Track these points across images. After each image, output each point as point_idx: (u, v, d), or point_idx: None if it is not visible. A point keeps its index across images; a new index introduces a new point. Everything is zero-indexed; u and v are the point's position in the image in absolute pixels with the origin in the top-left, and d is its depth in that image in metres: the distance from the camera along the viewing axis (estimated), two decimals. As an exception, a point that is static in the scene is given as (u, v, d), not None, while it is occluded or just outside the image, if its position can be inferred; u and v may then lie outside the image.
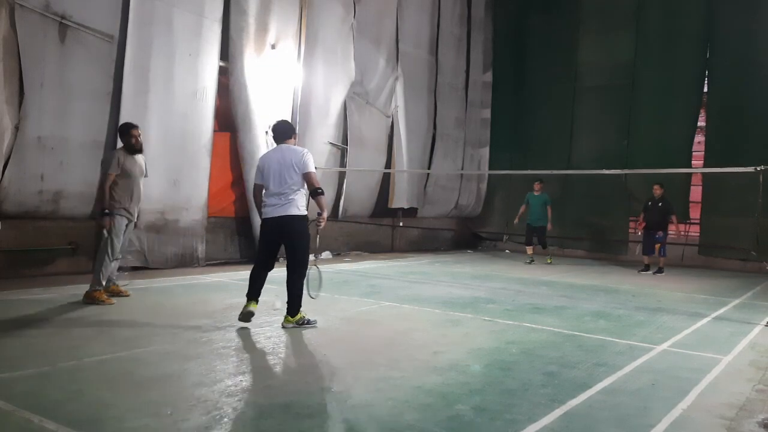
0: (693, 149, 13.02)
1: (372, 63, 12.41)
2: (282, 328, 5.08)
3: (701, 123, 13.11)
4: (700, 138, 13.17)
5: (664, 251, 10.80)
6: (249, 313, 5.08)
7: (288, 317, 5.12)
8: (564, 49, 14.64)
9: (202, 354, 4.20)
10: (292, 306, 5.11)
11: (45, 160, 7.25)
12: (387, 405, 3.30)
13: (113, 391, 3.34)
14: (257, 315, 5.30)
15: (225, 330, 4.93)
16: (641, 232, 11.12)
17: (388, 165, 13.09)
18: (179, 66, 8.60)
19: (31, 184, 7.17)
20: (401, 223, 13.63)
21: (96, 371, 3.74)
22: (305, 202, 5.20)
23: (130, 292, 6.31)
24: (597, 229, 14.14)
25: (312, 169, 5.11)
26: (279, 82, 10.12)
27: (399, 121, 13.19)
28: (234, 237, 9.95)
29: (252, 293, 5.16)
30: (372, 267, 10.24)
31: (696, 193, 13.05)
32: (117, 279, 6.27)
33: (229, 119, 9.60)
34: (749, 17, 12.38)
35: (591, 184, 13.39)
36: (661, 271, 10.75)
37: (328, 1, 11.18)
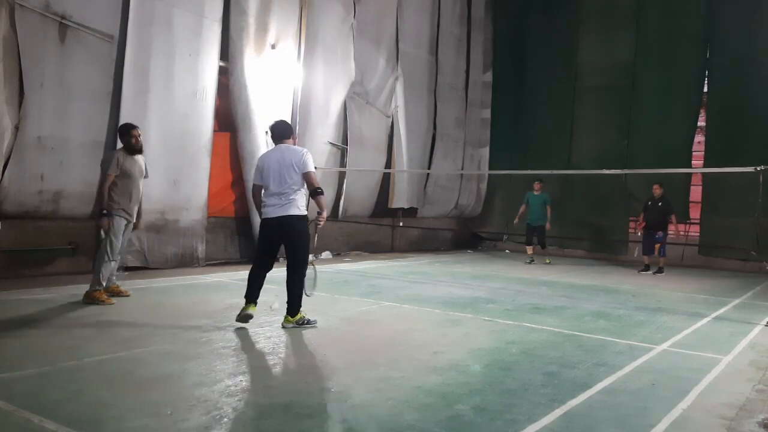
0: (693, 149, 13.03)
1: (372, 63, 12.41)
2: (282, 328, 5.08)
3: (701, 123, 13.11)
4: (700, 138, 13.17)
5: (663, 251, 10.80)
6: (247, 316, 5.05)
7: (288, 317, 5.11)
8: (564, 49, 14.64)
9: (202, 354, 4.20)
10: (292, 306, 5.10)
11: (45, 160, 7.25)
12: (387, 405, 3.30)
13: (113, 391, 3.34)
14: (257, 315, 5.31)
15: (225, 330, 4.93)
16: (641, 232, 11.12)
17: (388, 165, 13.09)
18: (179, 66, 8.60)
19: (31, 184, 7.17)
20: (401, 223, 13.63)
21: (96, 371, 3.74)
22: (305, 202, 5.21)
23: (130, 292, 6.31)
24: (597, 229, 14.15)
25: (312, 169, 5.10)
26: (279, 82, 10.12)
27: (399, 121, 13.19)
28: (234, 237, 9.95)
29: (250, 295, 5.13)
30: (372, 267, 10.24)
31: (696, 193, 13.06)
32: (117, 279, 6.28)
33: (229, 119, 9.60)
34: (749, 17, 12.39)
35: (591, 184, 13.39)
36: (661, 271, 10.75)
37: (328, 1, 11.19)
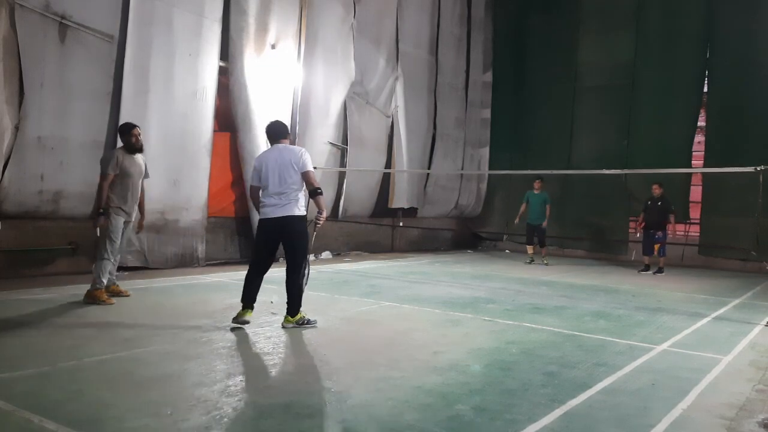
0: (693, 149, 13.02)
1: (372, 63, 12.41)
2: (282, 328, 5.07)
3: (701, 123, 13.11)
4: (700, 138, 13.17)
5: (663, 251, 10.80)
6: (243, 322, 5.00)
7: (288, 317, 5.11)
8: (564, 49, 14.64)
9: (202, 354, 4.20)
10: (292, 306, 5.10)
11: (45, 160, 7.25)
12: (387, 405, 3.30)
13: (113, 391, 3.34)
14: (258, 315, 5.31)
15: (225, 330, 4.92)
16: (640, 233, 11.11)
17: (388, 165, 13.09)
18: (179, 66, 8.60)
19: (31, 184, 7.17)
20: (401, 223, 13.63)
21: (96, 371, 3.74)
22: (305, 201, 5.20)
23: (130, 292, 6.31)
24: (597, 229, 14.14)
25: (311, 168, 5.10)
26: (279, 82, 10.12)
27: (399, 121, 13.19)
28: (234, 237, 9.96)
29: (247, 299, 5.08)
30: (372, 267, 10.24)
31: (696, 193, 13.05)
32: (117, 279, 6.28)
33: (229, 119, 9.60)
34: (749, 17, 12.38)
35: (591, 184, 13.39)
36: (661, 271, 10.74)
37: (328, 1, 11.19)
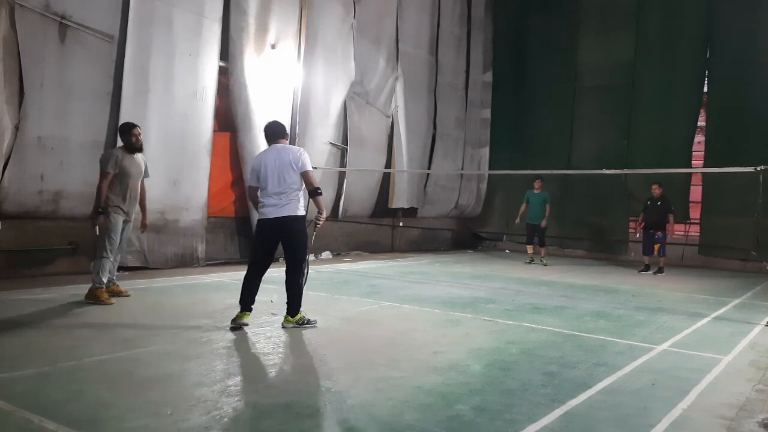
0: (693, 149, 13.02)
1: (372, 63, 12.41)
2: (282, 328, 5.07)
3: (701, 123, 13.11)
4: (700, 138, 13.17)
5: (663, 251, 10.79)
6: (242, 324, 4.97)
7: (288, 317, 5.11)
8: (564, 49, 14.64)
9: (202, 354, 4.20)
10: (292, 306, 5.09)
11: (45, 160, 7.25)
12: (387, 405, 3.30)
13: (113, 391, 3.34)
14: (258, 315, 5.31)
15: (225, 330, 4.92)
16: (640, 233, 11.11)
17: (388, 165, 13.09)
18: (179, 66, 8.60)
19: (31, 184, 7.17)
20: (401, 223, 13.63)
21: (96, 371, 3.73)
22: (304, 201, 5.20)
23: (130, 292, 6.31)
24: (597, 229, 14.14)
25: (310, 168, 5.09)
26: (279, 82, 10.12)
27: (399, 121, 13.19)
28: (234, 237, 9.95)
29: (245, 302, 5.05)
30: (372, 267, 10.24)
31: (696, 193, 13.06)
32: (117, 279, 6.28)
33: (229, 119, 9.60)
34: (749, 17, 12.38)
35: (591, 184, 13.40)
36: (661, 271, 10.74)
37: (328, 1, 11.19)
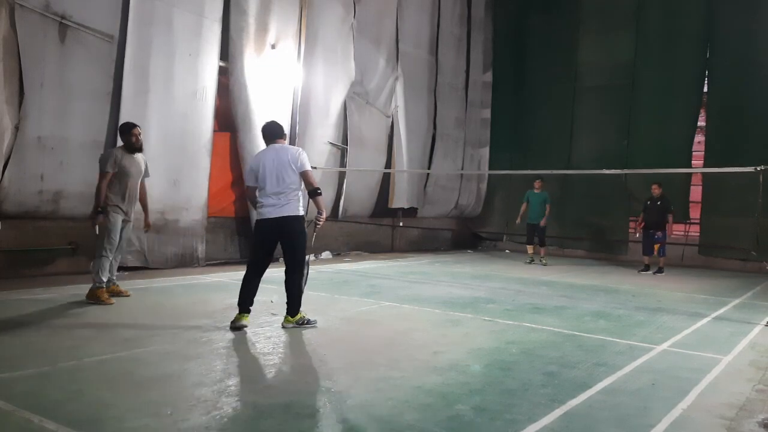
0: (693, 149, 13.02)
1: (372, 63, 12.41)
2: (282, 328, 5.07)
3: (701, 123, 13.11)
4: (700, 138, 13.17)
5: (663, 251, 10.79)
6: (241, 326, 4.95)
7: (288, 317, 5.10)
8: (564, 49, 14.64)
9: (202, 354, 4.20)
10: (292, 306, 5.09)
11: (45, 160, 7.25)
12: (387, 405, 3.30)
13: (113, 391, 3.34)
14: (258, 315, 5.31)
15: (225, 330, 4.92)
16: (640, 233, 11.11)
17: (388, 165, 13.08)
18: (179, 66, 8.60)
19: (31, 184, 7.17)
20: (401, 223, 13.63)
21: (96, 371, 3.73)
22: (303, 201, 5.19)
23: (130, 292, 6.31)
24: (597, 229, 14.14)
25: (309, 168, 5.09)
26: (279, 82, 10.12)
27: (399, 121, 13.19)
28: (234, 237, 9.95)
29: (244, 304, 5.03)
30: (372, 267, 10.24)
31: (696, 193, 13.06)
32: (117, 279, 6.28)
33: (229, 119, 9.60)
34: (749, 17, 12.38)
35: (591, 184, 13.40)
36: (661, 271, 10.74)
37: (328, 1, 11.19)
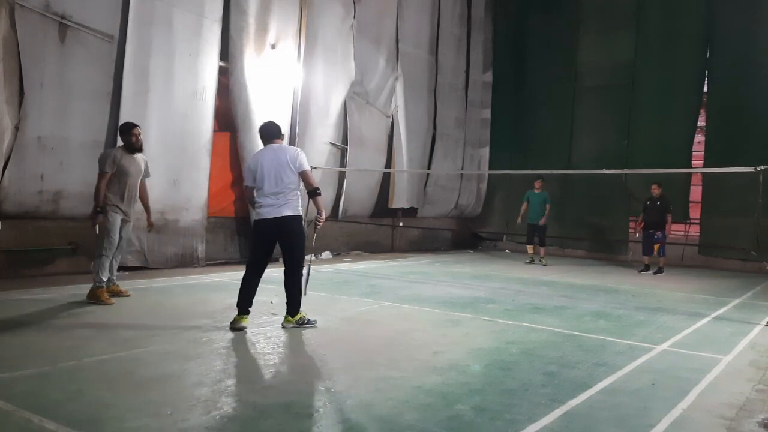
0: (693, 149, 13.02)
1: (372, 63, 12.41)
2: (282, 328, 5.07)
3: (701, 123, 13.11)
4: (700, 138, 13.17)
5: (663, 251, 10.79)
6: (240, 328, 4.93)
7: (288, 317, 5.10)
8: (564, 49, 14.64)
9: (202, 354, 4.20)
10: (291, 306, 5.09)
11: (45, 160, 7.25)
12: (387, 405, 3.30)
13: (113, 391, 3.34)
14: (258, 315, 5.31)
15: (225, 330, 4.92)
16: (640, 233, 11.10)
17: (388, 165, 13.08)
18: (179, 66, 8.60)
19: (31, 184, 7.17)
20: (401, 223, 13.63)
21: (96, 371, 3.74)
22: (302, 201, 5.19)
23: (130, 292, 6.31)
24: (597, 229, 14.14)
25: (308, 168, 5.09)
26: (279, 82, 10.12)
27: (399, 121, 13.19)
28: (234, 237, 9.95)
29: (243, 304, 5.01)
30: (372, 267, 10.24)
31: (696, 193, 13.06)
32: (117, 279, 6.28)
33: (229, 119, 9.60)
34: (749, 17, 12.38)
35: (591, 184, 13.40)
36: (661, 271, 10.74)
37: (328, 1, 11.19)
